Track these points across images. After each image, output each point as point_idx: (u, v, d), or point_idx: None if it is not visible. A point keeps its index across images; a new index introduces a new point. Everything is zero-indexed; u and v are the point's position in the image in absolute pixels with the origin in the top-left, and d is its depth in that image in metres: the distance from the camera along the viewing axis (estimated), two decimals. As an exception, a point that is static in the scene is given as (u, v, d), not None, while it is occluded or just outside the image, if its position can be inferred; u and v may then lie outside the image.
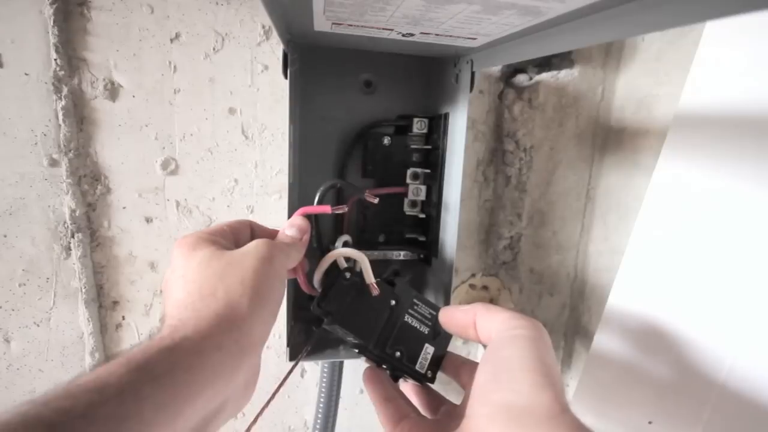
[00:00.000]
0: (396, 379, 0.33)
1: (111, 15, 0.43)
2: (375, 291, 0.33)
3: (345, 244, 0.39)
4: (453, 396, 0.32)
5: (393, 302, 0.33)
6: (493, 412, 0.22)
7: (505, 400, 0.22)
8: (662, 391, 0.40)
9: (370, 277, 0.33)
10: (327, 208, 0.33)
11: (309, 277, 0.36)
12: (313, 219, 0.38)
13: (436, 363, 0.32)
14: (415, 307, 0.34)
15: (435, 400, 0.32)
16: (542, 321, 0.27)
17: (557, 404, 0.20)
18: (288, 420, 0.59)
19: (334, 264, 0.34)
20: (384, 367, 0.33)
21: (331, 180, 0.39)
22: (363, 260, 0.33)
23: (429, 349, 0.32)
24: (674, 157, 0.39)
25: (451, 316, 0.31)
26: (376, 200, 0.37)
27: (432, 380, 0.32)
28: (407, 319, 0.33)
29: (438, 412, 0.31)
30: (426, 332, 0.33)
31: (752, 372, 0.34)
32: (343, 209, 0.34)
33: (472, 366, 0.31)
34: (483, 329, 0.28)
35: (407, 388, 0.33)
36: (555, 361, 0.24)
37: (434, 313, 0.34)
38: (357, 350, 0.34)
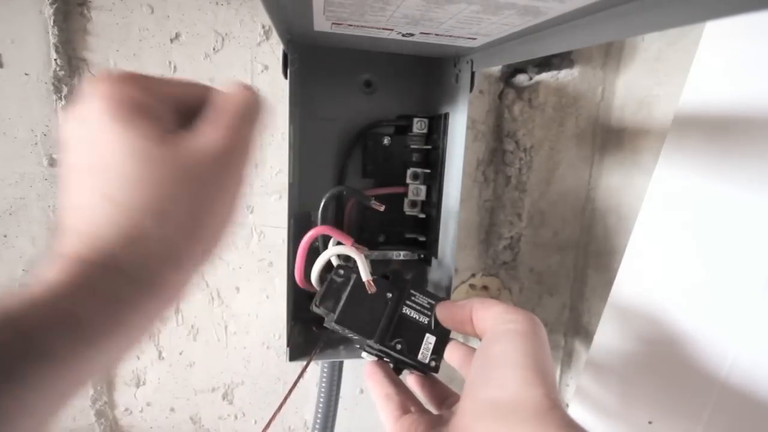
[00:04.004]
0: (399, 372, 0.33)
1: (111, 15, 0.43)
2: (372, 288, 0.32)
3: (339, 243, 0.39)
4: (460, 387, 0.32)
5: (389, 295, 0.33)
6: (481, 409, 0.21)
7: (492, 397, 0.21)
8: (662, 391, 0.40)
9: (366, 274, 0.33)
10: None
11: (306, 272, 0.36)
12: (318, 219, 0.38)
13: (439, 352, 0.32)
14: (413, 298, 0.34)
15: (440, 393, 0.32)
16: (542, 321, 0.26)
17: (546, 400, 0.20)
18: (288, 420, 0.59)
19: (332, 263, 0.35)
20: (387, 360, 0.33)
21: (337, 187, 0.39)
22: (358, 257, 0.33)
23: (430, 339, 0.32)
24: (674, 157, 0.39)
25: (447, 312, 0.31)
26: (382, 208, 0.38)
27: (435, 370, 0.32)
28: (405, 310, 0.33)
29: (443, 405, 0.31)
30: (426, 322, 0.33)
31: (752, 372, 0.34)
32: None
33: None
34: (479, 324, 0.27)
35: (411, 381, 0.33)
36: (548, 356, 0.23)
37: (433, 302, 0.34)
38: (358, 346, 0.34)
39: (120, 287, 0.16)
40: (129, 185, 0.17)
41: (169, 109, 0.19)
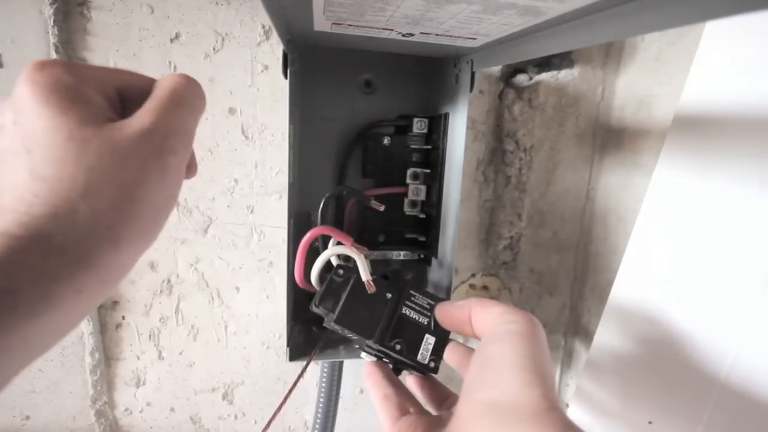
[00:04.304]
0: (398, 372, 0.33)
1: (111, 15, 0.43)
2: (371, 288, 0.33)
3: (339, 243, 0.39)
4: (459, 387, 0.32)
5: (389, 295, 0.33)
6: (479, 410, 0.21)
7: (490, 397, 0.21)
8: (662, 391, 0.40)
9: (366, 274, 0.33)
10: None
11: (306, 272, 0.36)
12: (318, 219, 0.38)
13: (438, 353, 0.32)
14: (413, 299, 0.34)
15: (440, 393, 0.32)
16: (542, 321, 0.26)
17: (544, 402, 0.20)
18: (288, 420, 0.59)
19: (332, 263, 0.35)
20: (386, 360, 0.33)
21: (337, 187, 0.39)
22: (358, 257, 0.33)
23: (429, 340, 0.32)
24: (674, 157, 0.39)
25: (446, 313, 0.31)
26: (382, 208, 0.38)
27: (435, 370, 0.32)
28: (405, 311, 0.33)
29: (442, 406, 0.31)
30: (425, 323, 0.33)
31: (752, 372, 0.34)
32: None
33: None
34: (478, 325, 0.27)
35: (410, 381, 0.33)
36: (547, 357, 0.23)
37: (433, 303, 0.34)
38: (357, 346, 0.34)
39: (53, 262, 0.16)
40: (56, 163, 0.17)
41: (102, 95, 0.19)
